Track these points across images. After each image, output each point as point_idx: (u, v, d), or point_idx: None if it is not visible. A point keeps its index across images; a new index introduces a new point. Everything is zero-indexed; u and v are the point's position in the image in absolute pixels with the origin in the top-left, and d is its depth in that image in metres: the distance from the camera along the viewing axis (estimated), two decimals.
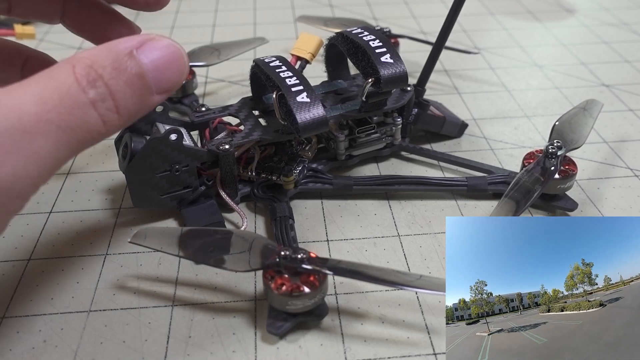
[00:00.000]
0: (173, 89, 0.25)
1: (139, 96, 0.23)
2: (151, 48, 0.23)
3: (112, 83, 0.22)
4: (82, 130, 0.21)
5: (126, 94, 0.22)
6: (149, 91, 0.24)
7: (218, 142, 0.33)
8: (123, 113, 0.23)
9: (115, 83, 0.22)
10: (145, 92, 0.23)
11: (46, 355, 0.27)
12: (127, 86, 0.22)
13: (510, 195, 0.32)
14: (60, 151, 0.21)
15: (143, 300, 0.30)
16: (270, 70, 0.33)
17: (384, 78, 0.34)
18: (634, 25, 0.61)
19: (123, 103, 0.22)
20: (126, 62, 0.22)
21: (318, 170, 0.37)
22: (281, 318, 0.28)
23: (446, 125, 0.41)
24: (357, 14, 0.63)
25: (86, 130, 0.21)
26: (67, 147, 0.21)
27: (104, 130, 0.22)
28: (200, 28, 0.61)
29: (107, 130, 0.23)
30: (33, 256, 0.32)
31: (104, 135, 0.23)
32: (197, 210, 0.34)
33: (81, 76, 0.21)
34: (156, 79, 0.24)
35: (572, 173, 0.34)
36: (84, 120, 0.21)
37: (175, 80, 0.24)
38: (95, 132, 0.22)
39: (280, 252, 0.27)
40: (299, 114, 0.31)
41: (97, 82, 0.22)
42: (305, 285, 0.26)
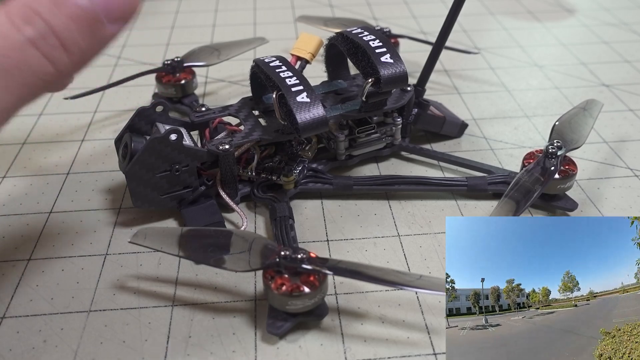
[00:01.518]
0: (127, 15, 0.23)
1: (87, 28, 0.21)
2: None
3: (51, 18, 0.20)
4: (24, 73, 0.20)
5: (71, 28, 0.21)
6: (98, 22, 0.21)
7: (218, 142, 0.33)
8: (73, 50, 0.21)
9: (55, 18, 0.20)
10: (94, 23, 0.21)
11: (46, 355, 0.27)
12: (71, 20, 0.21)
13: (510, 195, 0.32)
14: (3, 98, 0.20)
15: (143, 300, 0.30)
16: (270, 70, 0.33)
17: (384, 78, 0.34)
18: (634, 25, 0.61)
19: (70, 39, 0.21)
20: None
21: (318, 170, 0.37)
22: (281, 318, 0.27)
23: (446, 125, 0.41)
24: (357, 14, 0.63)
25: (30, 73, 0.20)
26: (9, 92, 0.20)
27: (53, 70, 0.21)
28: (200, 28, 0.61)
29: (57, 71, 0.21)
30: (33, 256, 0.32)
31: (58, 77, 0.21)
32: (197, 210, 0.34)
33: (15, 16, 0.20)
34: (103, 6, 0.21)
35: (572, 173, 0.34)
36: (25, 62, 0.20)
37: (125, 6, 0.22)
38: (43, 74, 0.21)
39: (280, 252, 0.27)
40: (299, 114, 0.31)
41: (34, 18, 0.20)
42: (305, 285, 0.26)
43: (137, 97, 0.48)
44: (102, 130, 0.44)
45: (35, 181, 0.38)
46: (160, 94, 0.45)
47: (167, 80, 0.44)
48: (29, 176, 0.39)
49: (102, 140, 0.43)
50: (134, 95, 0.48)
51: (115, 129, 0.44)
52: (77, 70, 0.22)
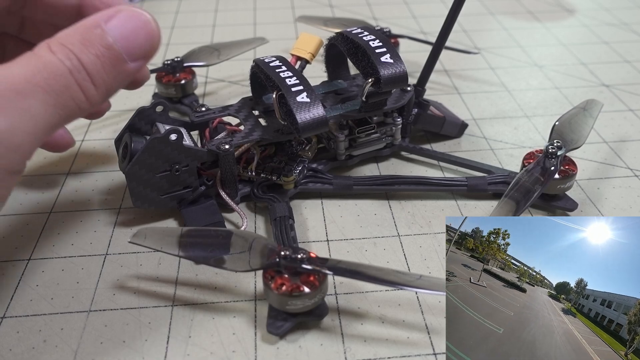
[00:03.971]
0: (147, 55, 0.25)
1: (111, 66, 0.24)
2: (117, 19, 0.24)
3: (82, 56, 0.23)
4: (66, 95, 0.23)
5: (97, 65, 0.24)
6: (121, 60, 0.24)
7: (218, 142, 0.33)
8: (99, 84, 0.24)
9: (85, 56, 0.23)
10: (117, 62, 0.24)
11: (46, 355, 0.27)
12: (97, 58, 0.24)
13: (510, 195, 0.32)
14: (49, 112, 0.23)
15: (143, 300, 0.30)
16: (270, 70, 0.33)
17: (384, 78, 0.34)
18: (634, 25, 0.61)
19: (96, 74, 0.24)
20: (93, 35, 0.24)
21: (318, 170, 0.37)
22: (281, 318, 0.28)
23: (446, 125, 0.41)
24: (357, 14, 0.63)
25: (70, 97, 0.23)
26: (55, 109, 0.23)
27: (85, 99, 0.24)
28: (200, 28, 0.61)
29: (88, 101, 0.24)
30: (33, 256, 0.32)
31: (88, 106, 0.24)
32: (197, 210, 0.34)
33: (57, 51, 0.23)
34: (126, 47, 0.24)
35: (572, 173, 0.34)
36: (66, 86, 0.23)
37: (145, 46, 0.25)
38: (79, 100, 0.23)
39: (280, 252, 0.27)
40: (299, 114, 0.31)
41: (70, 55, 0.23)
42: (305, 285, 0.26)
43: (137, 97, 0.48)
44: (102, 130, 0.44)
45: (35, 181, 0.38)
46: (160, 94, 0.45)
47: (167, 80, 0.44)
48: (29, 176, 0.39)
49: (102, 140, 0.43)
50: (134, 95, 0.48)
51: (115, 129, 0.44)
52: (103, 101, 0.25)
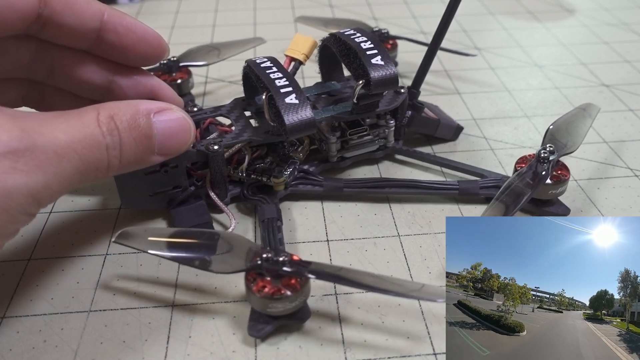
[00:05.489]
0: (172, 155, 0.28)
1: (141, 152, 0.27)
2: (166, 116, 0.27)
3: (124, 136, 0.26)
4: (93, 166, 0.25)
5: (131, 148, 0.26)
6: (150, 151, 0.27)
7: (207, 143, 0.33)
8: (124, 162, 0.26)
9: (127, 137, 0.26)
10: (147, 151, 0.27)
11: (46, 355, 0.27)
12: (135, 142, 0.26)
13: (500, 199, 0.32)
14: (75, 177, 0.24)
15: (143, 300, 0.30)
16: (261, 71, 0.33)
17: (374, 80, 0.33)
18: (634, 25, 0.61)
19: (127, 154, 0.26)
20: (141, 122, 0.26)
21: (309, 172, 0.37)
22: (263, 321, 0.27)
23: (440, 128, 0.41)
24: (357, 14, 0.63)
25: (96, 167, 0.25)
26: (80, 175, 0.24)
27: (106, 171, 0.26)
28: (200, 28, 0.61)
29: (108, 173, 0.26)
30: (33, 256, 0.32)
31: (105, 176, 0.26)
32: (186, 211, 0.34)
33: (102, 123, 0.25)
34: (161, 142, 0.27)
35: (564, 178, 0.34)
36: (97, 159, 0.25)
37: (176, 148, 0.28)
38: (101, 171, 0.25)
39: (262, 255, 0.27)
40: (287, 116, 0.31)
41: (114, 131, 0.25)
42: (287, 288, 0.26)
43: None
44: None
45: None
46: None
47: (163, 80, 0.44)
48: None
49: None
50: None
51: None
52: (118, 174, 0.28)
